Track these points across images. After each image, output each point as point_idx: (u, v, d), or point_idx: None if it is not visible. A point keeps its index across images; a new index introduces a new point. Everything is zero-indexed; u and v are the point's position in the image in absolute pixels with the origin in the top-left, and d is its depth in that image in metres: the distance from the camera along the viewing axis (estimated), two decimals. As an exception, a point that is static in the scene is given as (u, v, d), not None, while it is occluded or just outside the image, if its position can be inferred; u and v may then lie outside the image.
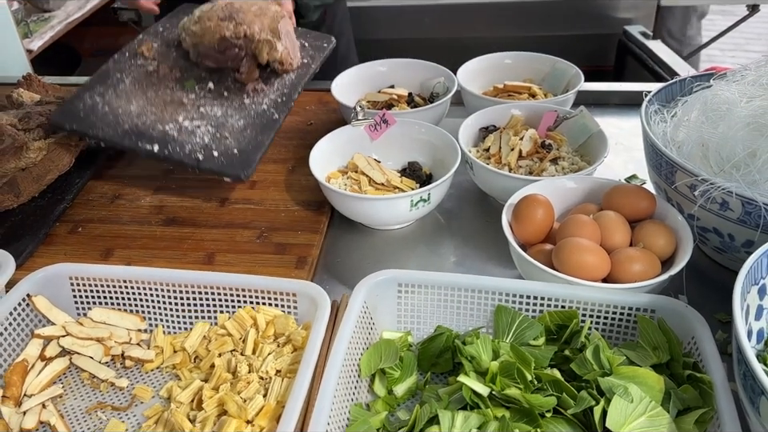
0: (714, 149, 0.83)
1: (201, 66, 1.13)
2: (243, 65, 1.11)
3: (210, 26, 1.10)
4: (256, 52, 1.10)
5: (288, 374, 0.74)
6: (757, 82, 0.87)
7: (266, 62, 1.11)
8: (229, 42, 1.09)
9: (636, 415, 0.63)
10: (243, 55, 1.11)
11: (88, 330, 0.82)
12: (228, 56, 1.11)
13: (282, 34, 1.12)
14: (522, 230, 0.86)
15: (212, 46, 1.10)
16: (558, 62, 1.28)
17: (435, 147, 1.08)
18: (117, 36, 2.81)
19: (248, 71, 1.11)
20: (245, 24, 1.09)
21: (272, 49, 1.09)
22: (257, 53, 1.10)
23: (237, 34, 1.09)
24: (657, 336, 0.72)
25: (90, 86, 1.05)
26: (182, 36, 1.15)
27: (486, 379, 0.68)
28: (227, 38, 1.09)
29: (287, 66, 1.12)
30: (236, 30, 1.09)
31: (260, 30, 1.09)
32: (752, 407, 0.59)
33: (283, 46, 1.11)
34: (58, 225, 1.04)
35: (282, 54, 1.10)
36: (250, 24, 1.09)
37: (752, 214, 0.77)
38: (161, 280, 0.83)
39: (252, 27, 1.09)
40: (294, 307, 0.81)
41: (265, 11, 1.13)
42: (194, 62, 1.14)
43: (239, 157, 0.97)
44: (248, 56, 1.11)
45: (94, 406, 0.76)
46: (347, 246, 1.02)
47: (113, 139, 0.96)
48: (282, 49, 1.10)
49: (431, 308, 0.81)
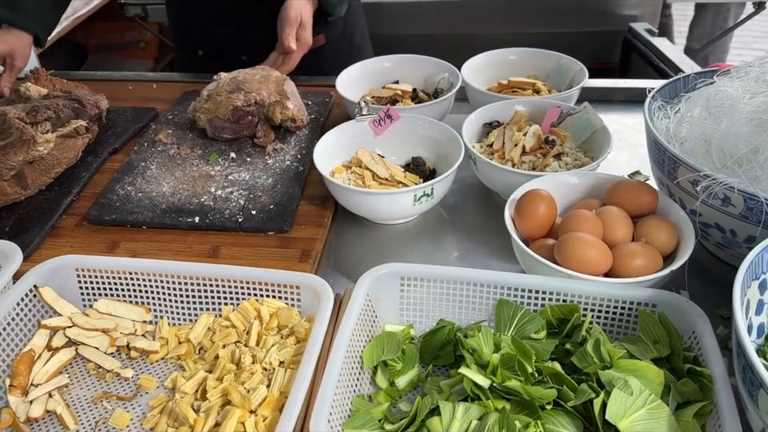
0: (716, 145, 0.84)
1: (219, 140, 1.20)
2: (259, 129, 1.18)
3: (221, 101, 1.17)
4: (269, 114, 1.18)
5: (291, 366, 0.74)
6: (760, 79, 0.87)
7: (279, 122, 1.18)
8: (242, 111, 1.16)
9: (636, 408, 0.63)
10: (257, 121, 1.18)
11: (94, 321, 0.83)
12: (243, 125, 1.17)
13: (289, 94, 1.20)
14: (525, 225, 0.87)
15: (227, 117, 1.17)
16: (562, 59, 1.28)
17: (439, 143, 1.09)
18: (123, 31, 2.83)
19: (265, 134, 1.18)
20: (253, 92, 1.17)
21: (283, 108, 1.17)
22: (270, 115, 1.18)
23: (248, 102, 1.16)
24: (657, 330, 0.72)
25: (119, 179, 1.10)
26: (196, 116, 1.21)
27: (486, 371, 0.69)
28: (240, 108, 1.16)
29: (299, 122, 1.19)
30: (246, 98, 1.16)
31: (268, 94, 1.17)
32: (751, 400, 0.59)
33: (293, 104, 1.18)
34: (65, 217, 1.04)
35: (293, 111, 1.18)
36: (258, 91, 1.17)
37: (754, 209, 0.77)
38: (166, 272, 0.83)
39: (260, 93, 1.17)
40: (298, 300, 0.82)
41: (268, 78, 1.22)
42: (211, 137, 1.20)
43: (277, 210, 1.01)
44: (261, 121, 1.19)
45: (100, 396, 0.77)
46: (351, 240, 1.02)
47: (153, 220, 1.00)
48: (292, 107, 1.18)
49: (433, 301, 0.81)
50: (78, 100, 1.20)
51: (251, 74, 1.21)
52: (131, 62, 2.81)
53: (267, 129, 1.19)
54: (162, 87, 1.47)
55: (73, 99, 1.20)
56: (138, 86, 1.49)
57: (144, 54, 2.88)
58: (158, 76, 1.63)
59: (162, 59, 2.90)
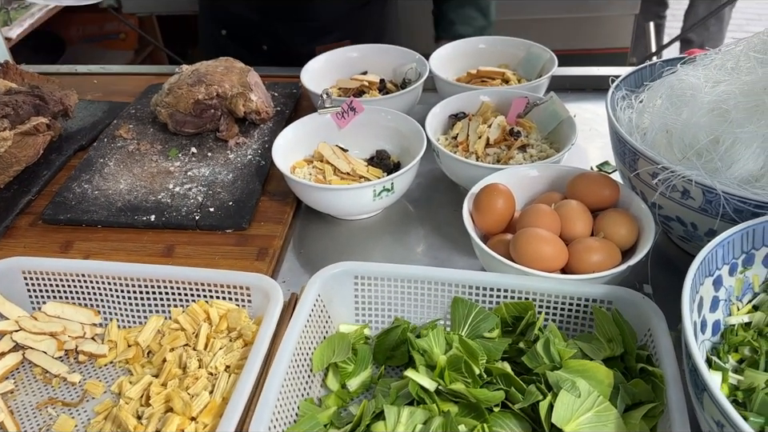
0: (677, 135, 0.81)
1: (181, 135, 1.17)
2: (222, 123, 1.14)
3: (181, 94, 1.14)
4: (232, 107, 1.15)
5: (236, 370, 0.72)
6: (722, 67, 0.84)
7: (242, 115, 1.15)
8: (204, 105, 1.13)
9: (583, 410, 0.61)
10: (220, 114, 1.15)
11: (41, 324, 0.81)
12: (205, 118, 1.14)
13: (253, 86, 1.16)
14: (483, 220, 0.85)
15: (188, 111, 1.14)
16: (533, 47, 1.25)
17: (403, 135, 1.07)
18: (102, 23, 2.79)
19: (228, 128, 1.14)
20: (215, 84, 1.14)
21: (246, 100, 1.14)
22: (232, 107, 1.15)
23: (209, 95, 1.13)
24: (611, 328, 0.70)
25: (75, 177, 1.07)
26: (157, 110, 1.18)
27: (434, 373, 0.67)
28: (201, 101, 1.13)
29: (264, 114, 1.16)
30: (208, 91, 1.13)
31: (231, 86, 1.14)
32: (697, 402, 0.57)
33: (256, 95, 1.15)
34: (21, 217, 1.02)
35: (257, 103, 1.14)
36: (220, 83, 1.14)
37: (713, 202, 0.75)
38: (115, 274, 0.81)
39: (223, 85, 1.14)
40: (249, 301, 0.80)
41: (231, 69, 1.18)
42: (173, 132, 1.17)
43: (235, 207, 0.99)
44: (224, 114, 1.16)
45: (45, 402, 0.75)
46: (314, 236, 1.00)
47: (108, 219, 0.98)
48: (256, 99, 1.14)
49: (389, 300, 0.80)
50: (40, 96, 1.17)
51: (213, 66, 1.18)
52: (111, 53, 2.78)
53: (230, 122, 1.16)
54: (135, 80, 1.43)
55: (35, 95, 1.17)
56: (115, 79, 1.46)
57: (124, 45, 2.84)
58: (137, 69, 1.59)
59: (142, 50, 2.86)
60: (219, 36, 1.52)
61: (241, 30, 1.46)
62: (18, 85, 1.22)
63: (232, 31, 1.50)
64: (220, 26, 1.52)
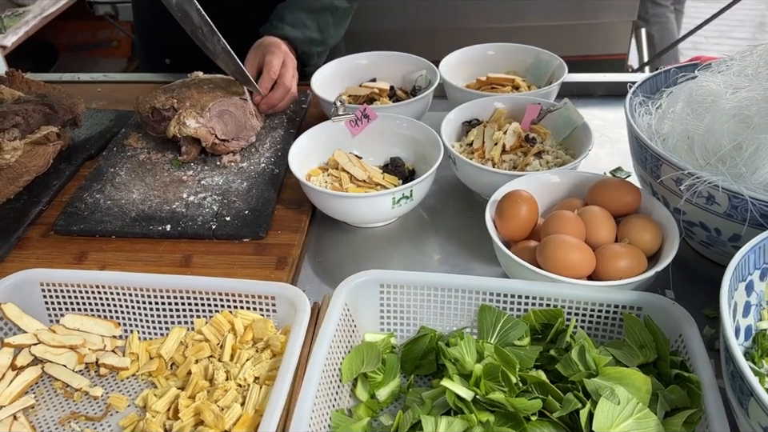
0: (699, 141, 0.82)
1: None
2: (181, 142, 1.09)
3: (146, 98, 1.12)
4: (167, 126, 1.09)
5: (267, 381, 0.71)
6: (742, 73, 0.85)
7: (170, 137, 1.08)
8: (160, 114, 1.10)
9: (623, 417, 0.61)
10: None
11: (60, 337, 0.79)
12: (164, 126, 1.11)
13: (212, 113, 1.08)
14: (506, 227, 0.85)
15: (146, 115, 1.12)
16: (542, 53, 1.26)
17: (417, 142, 1.06)
18: (94, 30, 2.77)
19: (187, 150, 1.10)
20: (176, 98, 1.10)
21: (180, 124, 1.06)
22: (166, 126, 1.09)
23: (164, 106, 1.10)
24: (643, 334, 0.70)
25: (87, 187, 1.05)
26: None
27: (470, 382, 0.67)
28: (158, 109, 1.10)
29: (208, 145, 1.08)
30: (166, 101, 1.10)
31: (190, 105, 1.09)
32: (741, 408, 0.57)
33: (201, 124, 1.06)
34: (32, 228, 1.00)
35: (197, 131, 1.06)
36: (183, 98, 1.10)
37: (738, 207, 0.75)
38: (135, 285, 0.80)
39: (183, 102, 1.09)
40: (273, 311, 0.79)
41: (215, 89, 1.13)
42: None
43: (252, 216, 0.98)
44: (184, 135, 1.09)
45: (67, 417, 0.73)
46: (330, 244, 1.00)
47: (123, 229, 0.96)
48: (195, 125, 1.06)
49: (414, 308, 0.79)
50: (49, 105, 1.15)
51: (206, 80, 1.15)
52: (104, 61, 2.75)
53: (189, 144, 1.10)
54: (140, 88, 1.41)
55: (44, 104, 1.15)
56: (118, 87, 1.44)
57: (117, 53, 2.82)
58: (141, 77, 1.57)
59: (135, 58, 2.84)
60: (163, 65, 1.50)
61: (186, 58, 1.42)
62: (25, 93, 1.20)
63: (176, 60, 1.48)
64: (164, 55, 1.50)
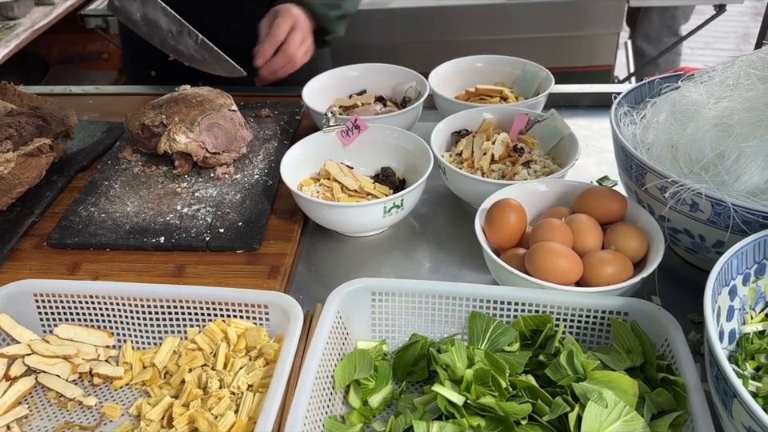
0: (683, 150, 0.84)
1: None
2: (174, 156, 1.10)
3: (136, 114, 1.12)
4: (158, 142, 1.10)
5: (260, 389, 0.72)
6: (724, 83, 0.87)
7: (162, 152, 1.09)
8: (150, 131, 1.10)
9: (611, 420, 0.62)
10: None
11: (54, 347, 0.80)
12: (154, 142, 1.11)
13: (202, 127, 1.09)
14: (495, 235, 0.86)
15: (137, 131, 1.12)
16: (528, 65, 1.28)
17: (408, 152, 1.08)
18: (85, 43, 2.78)
19: (180, 164, 1.10)
20: (165, 113, 1.10)
21: (171, 140, 1.07)
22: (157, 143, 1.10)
23: (154, 122, 1.10)
24: (630, 339, 0.72)
25: (81, 200, 1.06)
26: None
27: (460, 388, 0.68)
28: (148, 126, 1.10)
29: (199, 158, 1.10)
30: (155, 117, 1.10)
31: (179, 120, 1.09)
32: (725, 409, 0.59)
33: (191, 138, 1.07)
34: (25, 239, 1.01)
35: (188, 145, 1.07)
36: (172, 114, 1.10)
37: (721, 214, 0.77)
38: (128, 295, 0.81)
39: (172, 117, 1.09)
40: (267, 319, 0.80)
41: (203, 102, 1.12)
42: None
43: (245, 227, 0.98)
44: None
45: (61, 426, 0.74)
46: (321, 253, 1.01)
47: (117, 242, 0.97)
48: (186, 141, 1.07)
49: (406, 316, 0.80)
50: (42, 117, 1.15)
51: (194, 94, 1.15)
52: (94, 73, 2.76)
53: (181, 158, 1.11)
54: (132, 101, 1.42)
55: (37, 116, 1.16)
56: (110, 99, 1.45)
57: (107, 66, 2.82)
58: (132, 89, 1.57)
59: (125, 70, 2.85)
60: (148, 77, 1.51)
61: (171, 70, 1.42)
62: (18, 106, 1.21)
63: (161, 72, 1.49)
64: (149, 68, 1.51)
